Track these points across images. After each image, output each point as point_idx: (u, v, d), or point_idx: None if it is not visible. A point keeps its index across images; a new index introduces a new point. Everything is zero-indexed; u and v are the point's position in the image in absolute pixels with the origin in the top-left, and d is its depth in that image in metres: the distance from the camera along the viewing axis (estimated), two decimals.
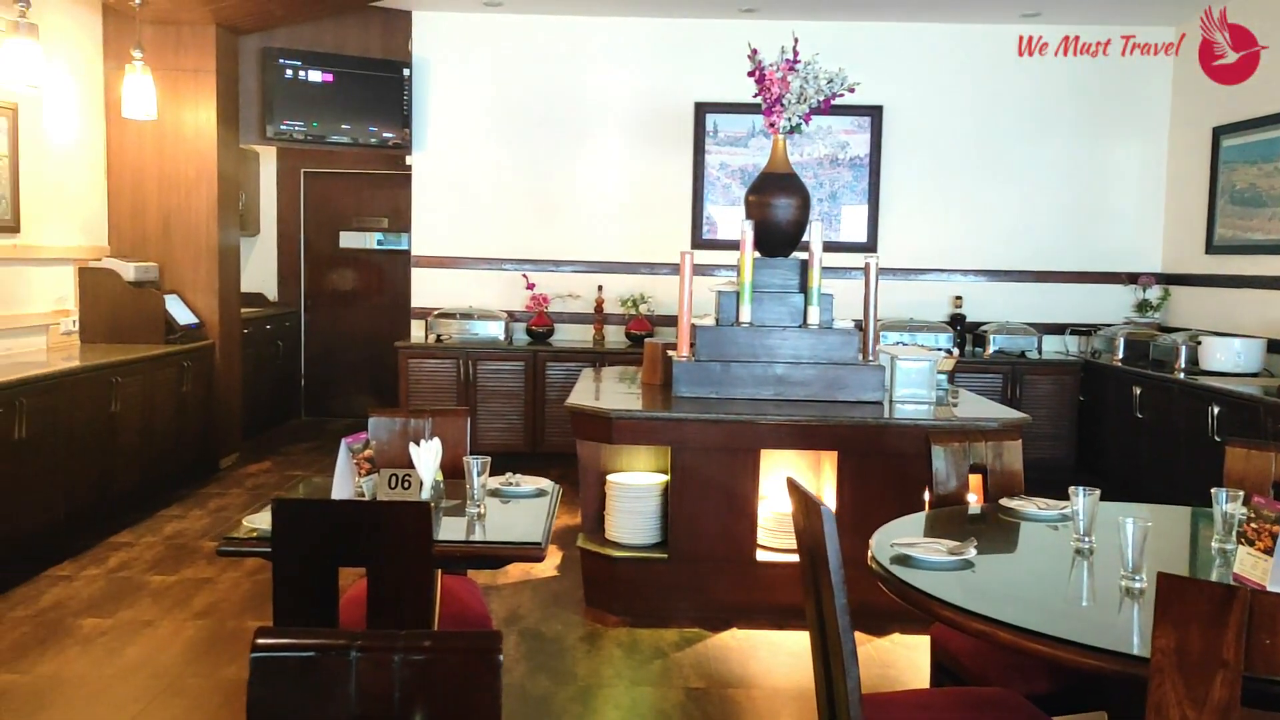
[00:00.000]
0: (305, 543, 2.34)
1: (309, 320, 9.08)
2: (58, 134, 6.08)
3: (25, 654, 3.83)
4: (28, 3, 4.98)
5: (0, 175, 5.50)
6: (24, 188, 5.70)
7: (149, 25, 6.43)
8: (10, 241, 5.62)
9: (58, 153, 6.09)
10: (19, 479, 4.66)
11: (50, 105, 5.96)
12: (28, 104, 5.70)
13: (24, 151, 5.69)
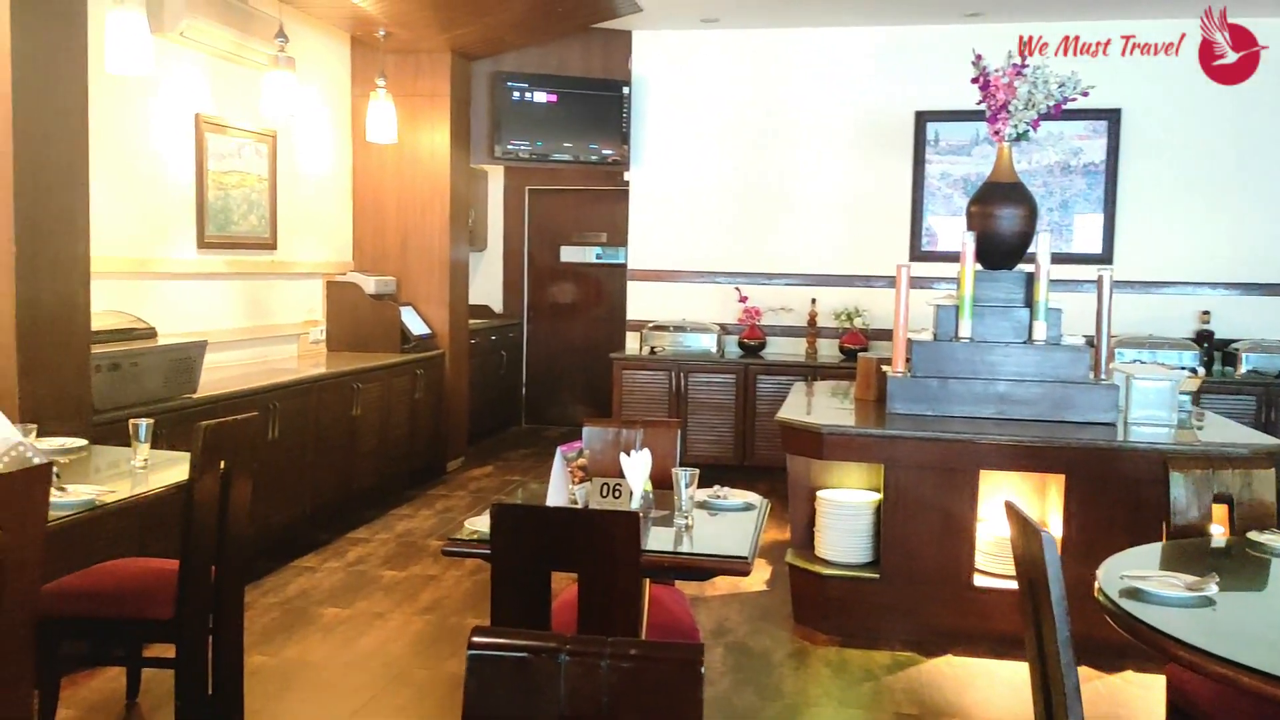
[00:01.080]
0: (520, 547, 2.44)
1: (531, 331, 9.45)
2: (310, 158, 6.61)
3: (273, 638, 4.17)
4: (286, 38, 5.44)
5: (260, 197, 6.04)
6: (280, 208, 6.23)
7: (391, 55, 6.89)
8: (268, 258, 6.16)
9: (309, 176, 6.62)
10: (272, 476, 5.08)
11: (304, 132, 6.48)
12: (285, 131, 6.23)
13: (281, 175, 6.22)
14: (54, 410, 3.58)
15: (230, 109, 5.71)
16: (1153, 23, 6.87)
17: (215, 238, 5.63)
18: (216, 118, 5.58)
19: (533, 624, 2.41)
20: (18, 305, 3.47)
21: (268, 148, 6.07)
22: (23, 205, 3.47)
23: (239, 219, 5.84)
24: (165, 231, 5.26)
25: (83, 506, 2.79)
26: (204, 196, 5.51)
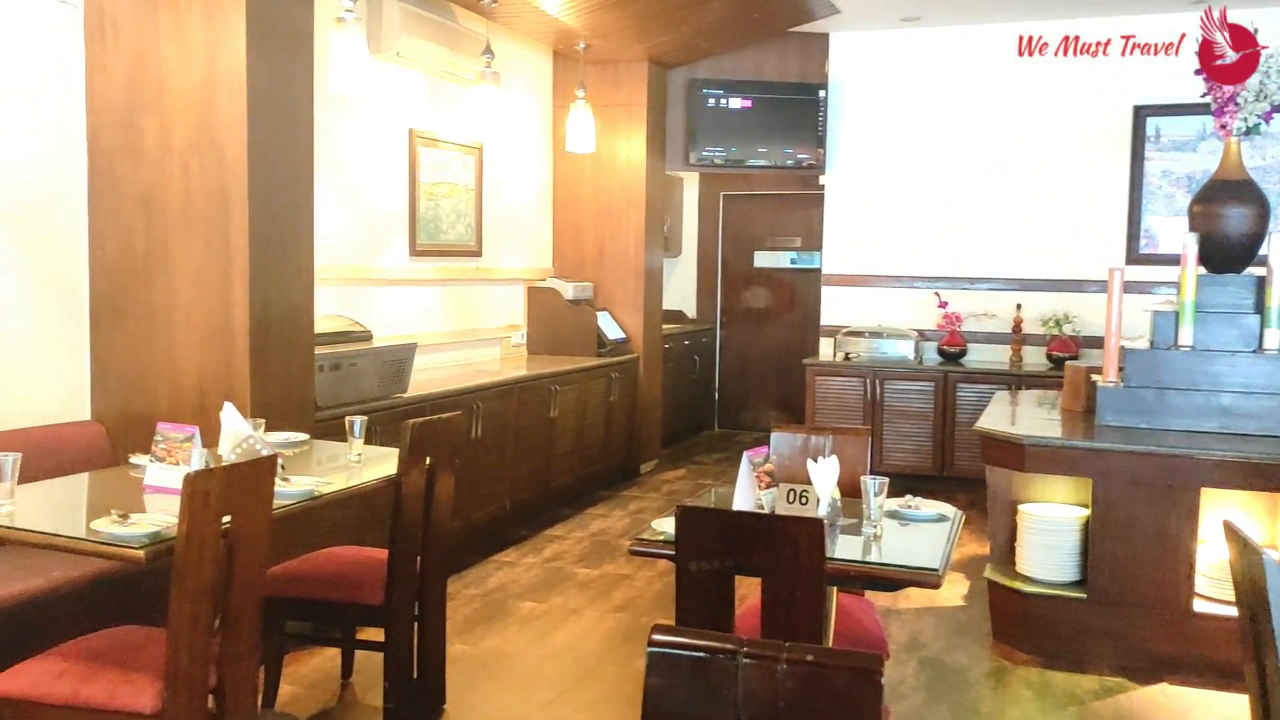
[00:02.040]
0: (705, 549, 2.46)
1: (724, 337, 9.48)
2: (513, 169, 6.88)
3: (474, 628, 4.36)
4: (492, 54, 5.69)
5: (467, 207, 6.33)
6: (485, 217, 6.51)
7: (591, 66, 7.08)
8: (473, 265, 6.45)
9: (512, 185, 6.88)
10: (475, 473, 5.31)
11: (507, 144, 6.75)
12: (490, 143, 6.51)
13: (486, 185, 6.50)
14: (281, 406, 3.88)
15: (440, 123, 6.01)
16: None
17: (426, 246, 5.94)
18: (428, 132, 5.89)
19: (716, 627, 2.43)
20: (250, 309, 3.77)
21: (474, 160, 6.36)
22: (256, 218, 3.78)
23: (447, 228, 6.15)
24: (380, 240, 5.60)
25: (304, 496, 3.01)
26: (416, 207, 5.83)
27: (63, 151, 3.87)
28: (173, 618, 2.45)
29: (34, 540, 2.61)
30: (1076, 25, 6.94)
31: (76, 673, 2.50)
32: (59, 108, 3.85)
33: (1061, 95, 7.00)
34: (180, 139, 3.80)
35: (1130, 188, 6.87)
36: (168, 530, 2.52)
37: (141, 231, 3.89)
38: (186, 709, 2.48)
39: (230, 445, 3.11)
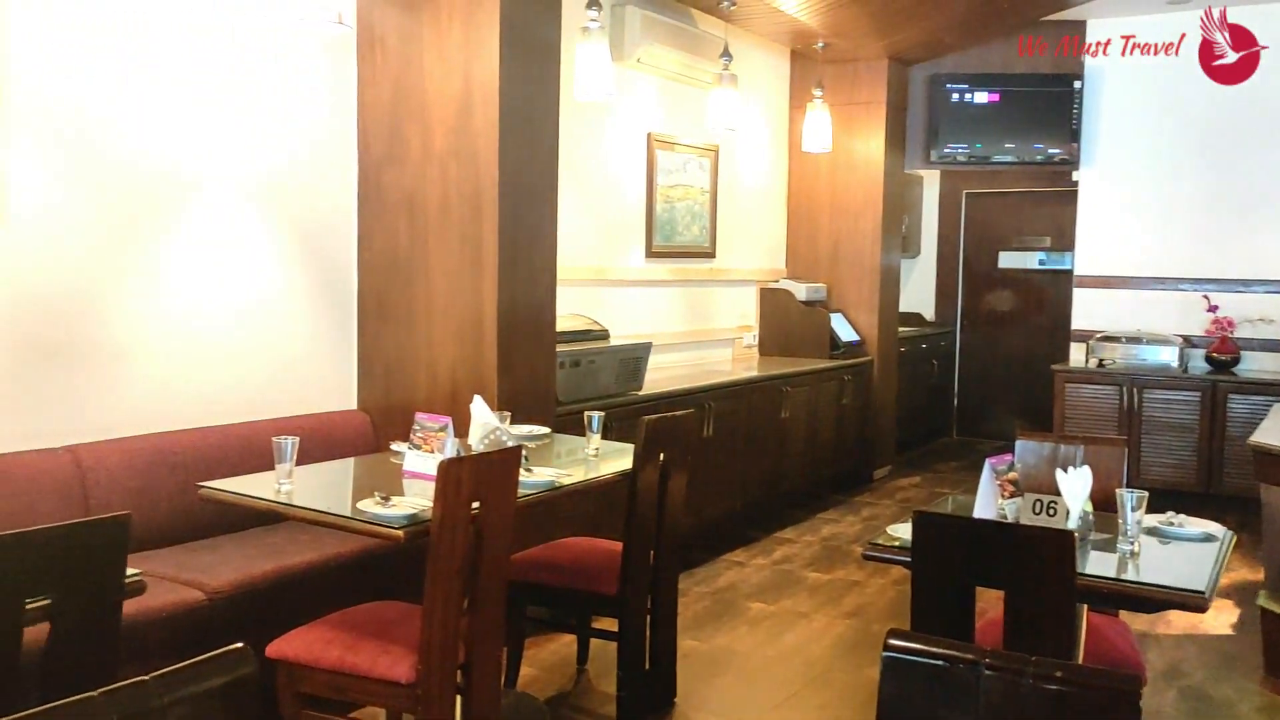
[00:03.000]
0: (943, 557, 2.38)
1: (964, 340, 9.12)
2: (747, 170, 6.89)
3: (704, 625, 4.41)
4: (730, 56, 5.72)
5: (702, 209, 6.40)
6: (719, 219, 6.56)
7: (829, 65, 7.00)
8: (707, 265, 6.51)
9: (746, 186, 6.90)
10: (706, 472, 5.36)
11: (743, 145, 6.78)
12: (726, 145, 6.55)
13: (720, 187, 6.55)
14: (524, 400, 4.06)
15: (678, 126, 6.11)
16: None
17: (661, 247, 6.06)
18: (666, 135, 6.00)
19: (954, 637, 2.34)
20: (499, 307, 3.97)
21: (709, 162, 6.42)
22: (505, 221, 3.97)
23: (682, 229, 6.24)
24: (618, 243, 5.75)
25: (545, 486, 3.14)
26: (653, 209, 5.95)
27: (337, 160, 4.21)
28: (427, 595, 2.61)
29: (308, 517, 2.86)
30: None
31: (343, 641, 2.72)
32: (334, 120, 4.19)
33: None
34: (439, 146, 4.05)
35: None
36: (424, 513, 2.70)
37: (404, 233, 4.17)
38: (438, 682, 2.64)
39: (479, 436, 3.29)
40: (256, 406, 3.91)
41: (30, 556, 1.91)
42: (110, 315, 3.48)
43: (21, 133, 3.21)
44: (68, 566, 1.96)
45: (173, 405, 3.66)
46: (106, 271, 3.46)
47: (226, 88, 3.78)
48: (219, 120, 3.76)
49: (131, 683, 1.30)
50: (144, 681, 1.31)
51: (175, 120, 3.62)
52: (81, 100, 3.36)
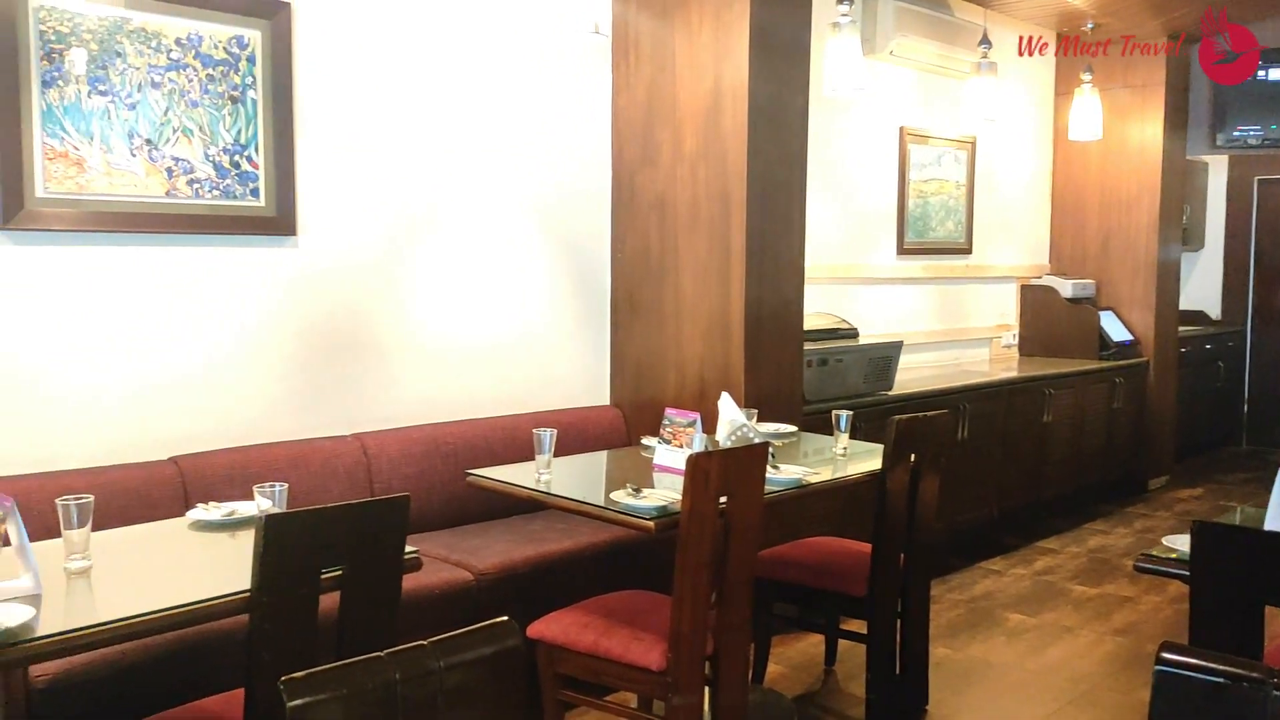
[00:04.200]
0: (1227, 571, 2.19)
1: (1255, 340, 8.31)
2: (1007, 161, 6.58)
3: (957, 633, 4.25)
4: (989, 44, 5.49)
5: (957, 203, 6.17)
6: (976, 213, 6.31)
7: (1098, 46, 6.56)
8: (963, 262, 6.27)
9: (1006, 179, 6.59)
10: (961, 475, 5.17)
11: (1003, 135, 6.48)
12: (984, 136, 6.29)
13: (978, 180, 6.29)
14: (771, 398, 4.07)
15: (932, 119, 5.93)
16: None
17: (913, 244, 5.89)
18: (919, 129, 5.84)
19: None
20: (746, 306, 4.00)
21: (966, 154, 6.18)
22: (753, 220, 4.00)
23: (936, 225, 6.04)
24: (868, 239, 5.65)
25: (792, 484, 3.14)
26: (905, 205, 5.80)
27: (592, 165, 4.38)
28: (677, 586, 2.67)
29: (565, 506, 3.00)
30: None
31: (597, 626, 2.83)
32: (590, 126, 4.36)
33: None
34: (689, 147, 4.13)
35: None
36: (673, 505, 2.76)
37: (654, 234, 4.28)
38: (687, 671, 2.70)
39: (726, 432, 3.33)
40: (518, 401, 4.14)
41: (326, 531, 2.12)
42: (390, 317, 3.79)
43: (310, 155, 3.55)
44: (357, 541, 2.15)
45: (444, 399, 3.93)
46: (386, 278, 3.77)
47: (490, 101, 4.02)
48: (484, 133, 4.01)
49: (412, 645, 1.42)
50: (423, 645, 1.43)
51: (445, 136, 3.89)
52: (361, 122, 3.68)
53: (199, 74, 3.27)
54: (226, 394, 3.40)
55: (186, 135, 3.26)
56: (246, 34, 3.36)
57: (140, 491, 3.01)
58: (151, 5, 3.15)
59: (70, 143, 3.03)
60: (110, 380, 3.16)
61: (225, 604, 2.06)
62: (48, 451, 3.02)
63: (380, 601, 2.21)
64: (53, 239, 3.03)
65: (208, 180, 3.31)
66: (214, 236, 3.34)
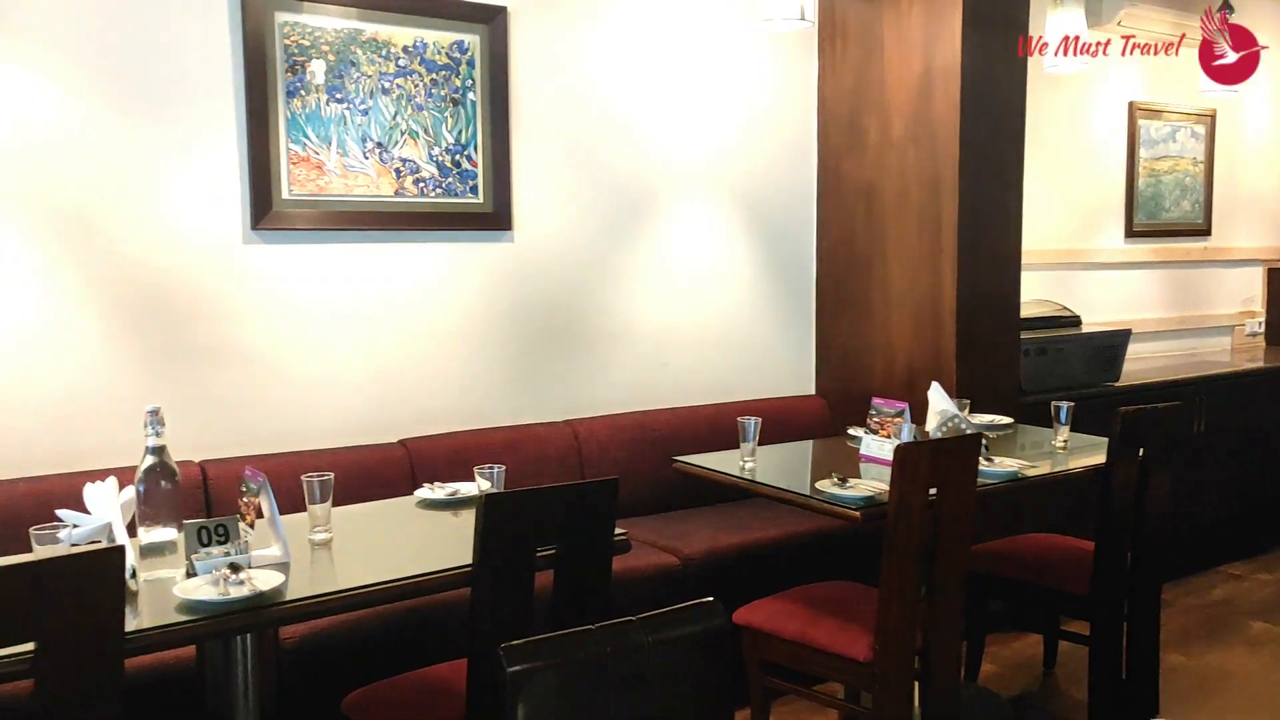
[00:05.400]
0: None
1: None
2: (1255, 135, 6.06)
3: (1191, 640, 3.98)
4: (1230, 9, 5.07)
5: (1195, 182, 5.74)
6: (1216, 192, 5.85)
7: None
8: (1199, 244, 5.83)
9: (1253, 154, 6.07)
10: (1196, 473, 4.82)
11: (1248, 107, 5.97)
12: (1225, 109, 5.82)
13: (1218, 156, 5.83)
14: (984, 388, 3.92)
15: (1164, 93, 5.54)
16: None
17: (1143, 225, 5.53)
18: (1149, 103, 5.47)
19: None
20: (958, 293, 3.87)
21: (1204, 129, 5.75)
22: (966, 205, 3.86)
23: (1170, 205, 5.65)
24: (1092, 222, 5.35)
25: (1007, 477, 3.02)
26: (1134, 184, 5.46)
27: (798, 153, 4.35)
28: (884, 578, 2.63)
29: (770, 494, 3.00)
30: None
31: (803, 615, 2.82)
32: (796, 114, 4.33)
33: None
34: (898, 132, 4.03)
35: None
36: (880, 495, 2.72)
37: (861, 221, 4.21)
38: (895, 664, 2.65)
39: (937, 423, 3.24)
40: (723, 390, 4.17)
41: (541, 510, 2.21)
42: (600, 308, 3.90)
43: (523, 152, 3.69)
44: (569, 521, 2.24)
45: (651, 387, 4.02)
46: (596, 269, 3.88)
47: (695, 93, 4.06)
48: (689, 125, 4.06)
49: (622, 620, 1.47)
50: (632, 621, 1.48)
51: (651, 129, 3.97)
52: (570, 119, 3.80)
53: (424, 79, 3.47)
54: (449, 382, 3.60)
55: (413, 137, 3.46)
56: (467, 39, 3.54)
57: (373, 471, 3.23)
58: (382, 16, 3.37)
59: (311, 148, 3.28)
60: (347, 368, 3.40)
61: (449, 577, 2.18)
62: (294, 433, 3.28)
63: (591, 580, 2.29)
64: (296, 238, 3.29)
65: (431, 179, 3.51)
66: (437, 233, 3.54)
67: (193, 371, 3.16)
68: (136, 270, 3.06)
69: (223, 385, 3.21)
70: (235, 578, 1.98)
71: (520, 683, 1.37)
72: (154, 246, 3.08)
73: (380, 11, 3.36)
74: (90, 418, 3.00)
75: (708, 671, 1.55)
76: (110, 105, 2.99)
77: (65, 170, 2.94)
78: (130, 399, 2.99)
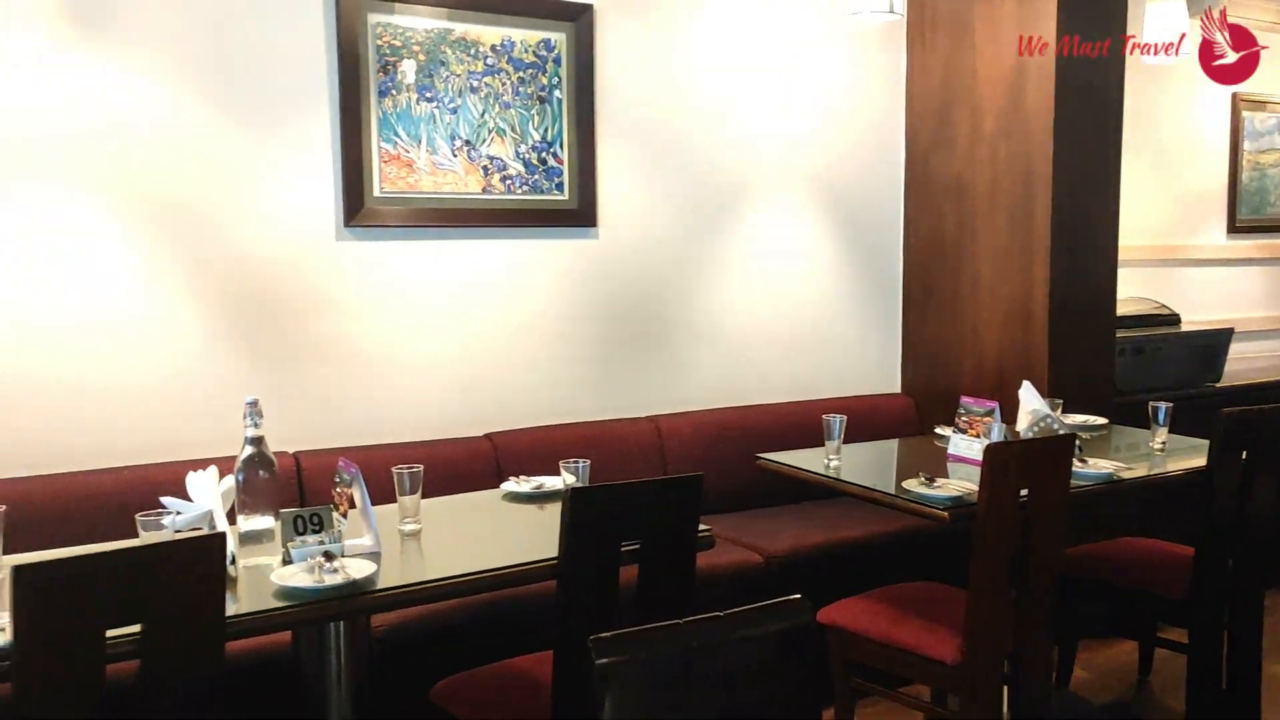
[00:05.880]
0: None
1: None
2: None
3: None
4: None
5: None
6: None
7: None
8: None
9: None
10: None
11: None
12: None
13: None
14: (1077, 388, 3.82)
15: (1270, 84, 5.33)
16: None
17: (1247, 221, 5.34)
18: (1255, 94, 5.27)
19: None
20: (1051, 290, 3.78)
21: None
22: (1059, 200, 3.77)
23: (1276, 200, 5.44)
24: (1192, 216, 5.18)
25: (1102, 479, 2.94)
26: (1237, 178, 5.27)
27: (884, 148, 4.29)
28: (973, 579, 2.58)
29: (855, 493, 2.97)
30: None
31: (889, 615, 2.79)
32: (882, 108, 4.27)
33: None
34: (989, 126, 3.95)
35: None
36: (969, 496, 2.67)
37: (950, 218, 4.14)
38: (984, 667, 2.61)
39: (1028, 423, 3.18)
40: (807, 387, 4.14)
41: (626, 506, 2.22)
42: (683, 305, 3.90)
43: (608, 148, 3.70)
44: (654, 517, 2.24)
45: (734, 384, 4.00)
46: (679, 266, 3.88)
47: (782, 86, 4.04)
48: (777, 118, 4.03)
49: (709, 616, 1.47)
50: (718, 617, 1.48)
51: (735, 126, 3.95)
52: (654, 115, 3.80)
53: (511, 77, 3.51)
54: (534, 377, 3.63)
55: (500, 135, 3.51)
56: (553, 37, 3.56)
57: (459, 464, 3.28)
58: (471, 16, 3.42)
59: (401, 146, 3.35)
60: (434, 363, 3.46)
61: (536, 569, 2.21)
62: (382, 425, 3.35)
63: (675, 576, 2.29)
64: (386, 235, 3.36)
65: (518, 176, 3.55)
66: (523, 229, 3.58)
67: (286, 365, 3.24)
68: (236, 266, 3.15)
69: (315, 378, 3.29)
70: (329, 566, 2.03)
71: (608, 675, 1.38)
72: (253, 244, 3.17)
73: (469, 11, 3.41)
74: (191, 408, 3.10)
75: (793, 670, 1.54)
76: (215, 107, 3.09)
77: (172, 168, 3.04)
78: (228, 390, 3.09)
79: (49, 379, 2.93)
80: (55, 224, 2.91)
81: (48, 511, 2.72)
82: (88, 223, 2.95)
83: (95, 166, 2.94)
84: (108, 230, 2.98)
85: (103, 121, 2.94)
